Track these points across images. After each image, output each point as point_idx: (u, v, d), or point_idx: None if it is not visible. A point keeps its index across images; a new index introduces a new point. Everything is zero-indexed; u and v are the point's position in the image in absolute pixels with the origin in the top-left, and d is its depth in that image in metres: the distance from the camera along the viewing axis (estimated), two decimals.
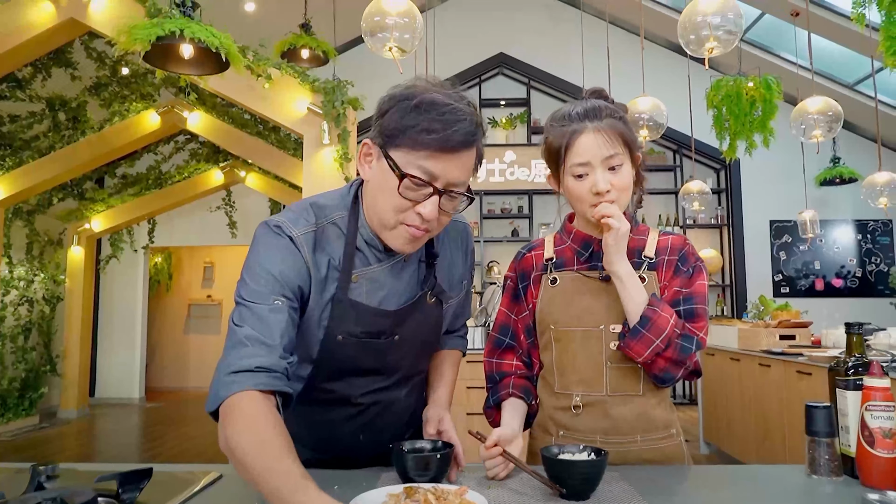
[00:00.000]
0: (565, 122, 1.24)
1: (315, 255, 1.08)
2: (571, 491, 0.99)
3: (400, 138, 1.01)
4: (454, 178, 1.03)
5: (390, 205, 1.03)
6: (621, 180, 1.22)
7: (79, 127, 5.58)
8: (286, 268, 1.04)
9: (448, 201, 1.05)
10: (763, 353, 3.98)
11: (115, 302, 8.14)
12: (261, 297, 1.01)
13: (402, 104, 1.01)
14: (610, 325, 1.24)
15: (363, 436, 1.23)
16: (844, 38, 6.14)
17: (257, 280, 1.03)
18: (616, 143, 1.21)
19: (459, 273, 1.29)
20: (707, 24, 2.88)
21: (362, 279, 1.11)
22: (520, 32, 7.79)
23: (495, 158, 7.68)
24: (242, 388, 0.92)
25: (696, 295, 1.25)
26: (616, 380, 1.24)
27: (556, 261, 1.34)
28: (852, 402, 1.11)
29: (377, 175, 1.05)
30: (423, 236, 1.07)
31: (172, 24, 2.84)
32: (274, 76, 4.02)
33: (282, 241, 1.06)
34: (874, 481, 1.03)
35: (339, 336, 1.10)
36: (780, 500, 1.03)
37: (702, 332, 1.22)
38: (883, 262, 7.28)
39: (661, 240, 1.30)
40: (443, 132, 0.99)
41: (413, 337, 1.19)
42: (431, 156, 1.00)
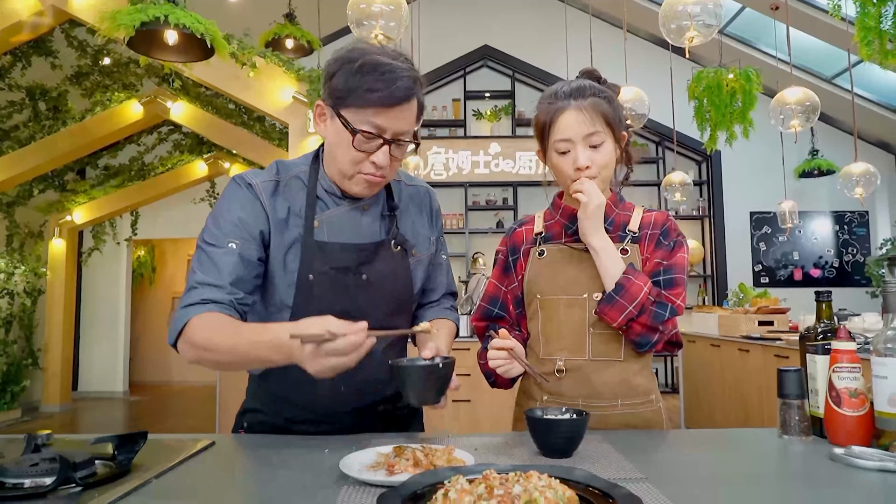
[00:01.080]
0: (552, 99, 1.32)
1: (274, 200, 1.22)
2: (554, 449, 1.04)
3: (348, 99, 1.14)
4: (400, 129, 1.17)
5: (347, 157, 1.18)
6: (602, 157, 1.30)
7: (60, 117, 5.52)
8: (245, 214, 1.19)
9: (397, 148, 1.19)
10: (742, 339, 4.07)
11: (98, 295, 8.07)
12: (218, 240, 1.17)
13: (347, 67, 1.14)
14: (593, 293, 1.31)
15: (343, 387, 1.26)
16: (823, 33, 6.25)
17: (218, 225, 1.19)
18: (597, 122, 1.28)
19: (425, 232, 1.39)
20: (687, 13, 2.94)
21: (322, 223, 1.24)
22: (504, 25, 7.82)
23: (480, 150, 7.71)
24: (195, 314, 1.11)
25: (676, 266, 1.32)
26: (598, 345, 1.30)
27: (544, 235, 1.41)
28: (821, 366, 1.17)
29: (332, 133, 1.19)
30: (380, 181, 1.22)
31: (157, 9, 2.83)
32: (259, 65, 4.01)
33: (242, 191, 1.22)
34: (841, 439, 1.08)
35: (311, 275, 1.21)
36: (754, 459, 1.08)
37: (678, 300, 1.28)
38: (859, 253, 7.44)
39: (646, 216, 1.37)
40: (385, 90, 1.12)
41: (381, 281, 1.27)
42: (378, 112, 1.13)
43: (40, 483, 0.86)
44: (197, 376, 8.97)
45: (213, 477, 1.02)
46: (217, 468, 1.06)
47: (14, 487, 0.86)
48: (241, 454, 1.14)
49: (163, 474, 0.96)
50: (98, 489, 0.87)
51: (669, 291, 1.29)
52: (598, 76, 1.39)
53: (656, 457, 1.08)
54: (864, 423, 1.08)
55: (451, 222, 7.74)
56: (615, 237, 1.34)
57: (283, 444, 1.17)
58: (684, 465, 1.05)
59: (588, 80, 1.37)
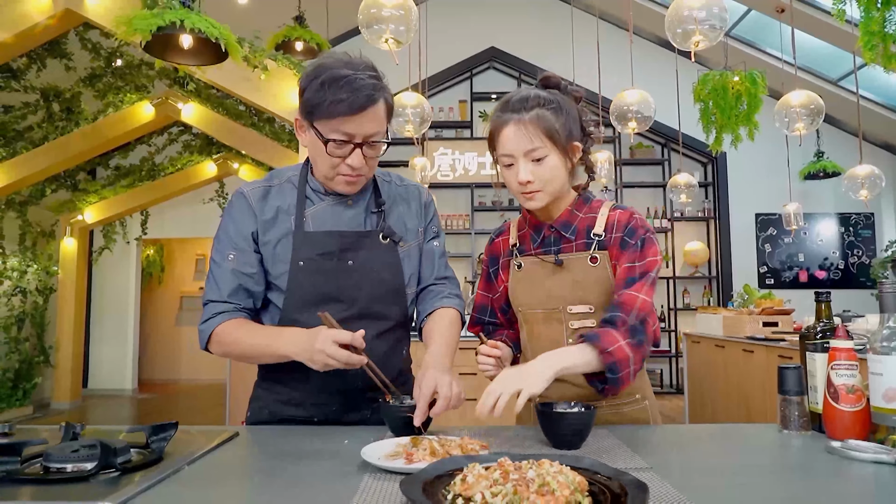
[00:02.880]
0: (499, 112, 1.31)
1: (262, 203, 1.38)
2: (563, 441, 1.09)
3: (317, 112, 1.25)
4: (368, 132, 1.27)
5: (325, 163, 1.31)
6: (545, 171, 1.27)
7: (73, 118, 5.59)
8: (235, 223, 1.37)
9: (370, 149, 1.30)
10: (747, 340, 4.10)
11: (108, 293, 8.16)
12: (219, 254, 1.37)
13: (313, 83, 1.25)
14: (567, 305, 1.33)
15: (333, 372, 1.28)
16: (828, 35, 6.28)
17: (219, 240, 1.39)
18: (537, 137, 1.25)
19: (413, 223, 1.47)
20: (693, 18, 2.98)
21: (309, 217, 1.38)
22: (511, 27, 7.87)
23: (486, 152, 7.74)
24: (214, 326, 1.35)
25: (648, 272, 1.27)
26: None
27: (519, 246, 1.43)
28: (820, 363, 1.22)
29: (310, 142, 1.32)
30: (358, 179, 1.34)
31: (173, 14, 2.89)
32: (270, 67, 4.08)
33: (237, 201, 1.39)
34: (838, 433, 1.13)
35: (301, 262, 1.34)
36: (754, 451, 1.13)
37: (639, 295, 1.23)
38: (865, 255, 7.45)
39: (611, 215, 1.33)
40: (347, 100, 1.22)
41: (367, 267, 1.37)
42: (344, 121, 1.24)
43: (82, 468, 0.92)
44: (206, 374, 9.05)
45: (240, 464, 1.07)
46: (243, 456, 1.12)
47: (58, 472, 0.92)
48: (264, 444, 1.20)
49: (194, 461, 1.02)
50: (136, 474, 0.93)
51: (631, 289, 1.24)
52: (556, 82, 1.33)
53: (661, 449, 1.14)
54: (861, 418, 1.12)
55: (457, 223, 7.80)
56: (581, 244, 1.33)
57: (305, 435, 1.22)
58: (688, 456, 1.10)
59: (539, 89, 1.32)
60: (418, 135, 4.25)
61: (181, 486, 0.90)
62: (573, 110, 1.32)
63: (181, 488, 0.89)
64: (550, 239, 1.37)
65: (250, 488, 0.93)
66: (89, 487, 0.87)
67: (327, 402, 1.38)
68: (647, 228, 1.31)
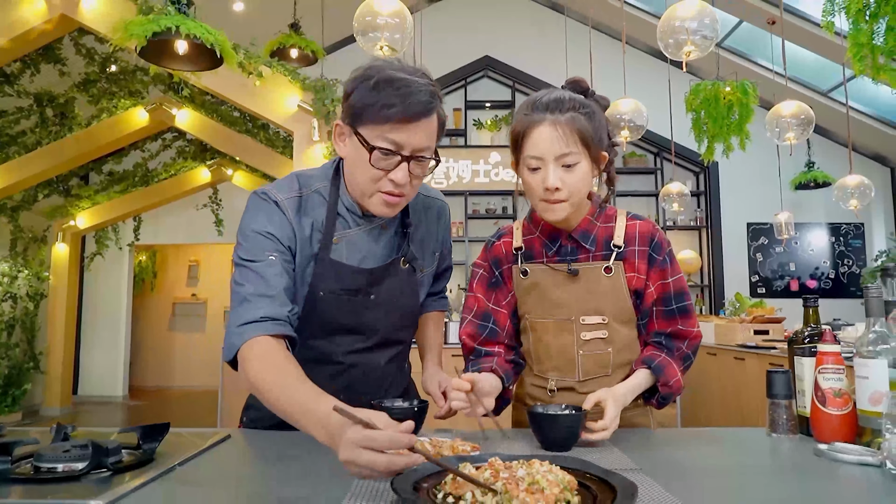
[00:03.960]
0: (528, 110, 1.23)
1: (299, 217, 1.22)
2: (554, 442, 1.10)
3: (365, 116, 1.13)
4: (419, 145, 1.14)
5: (366, 176, 1.16)
6: (575, 179, 1.21)
7: (66, 123, 5.58)
8: (274, 227, 1.19)
9: (416, 166, 1.17)
10: (738, 348, 4.12)
11: (100, 300, 8.11)
12: (256, 254, 1.15)
13: (363, 85, 1.13)
14: (580, 316, 1.30)
15: (342, 397, 1.30)
16: (818, 47, 6.36)
17: (251, 241, 1.17)
18: (571, 141, 1.19)
19: (432, 247, 1.40)
20: (685, 28, 3.02)
21: (343, 241, 1.25)
22: (505, 36, 7.92)
23: (480, 160, 7.79)
24: (253, 335, 1.07)
25: (684, 291, 1.32)
26: (588, 366, 1.32)
27: (524, 251, 1.35)
28: (807, 367, 1.23)
29: (351, 151, 1.18)
30: (399, 201, 1.19)
31: (168, 20, 2.91)
32: (265, 74, 4.09)
33: (268, 206, 1.21)
34: (825, 436, 1.14)
35: (321, 292, 1.23)
36: (743, 453, 1.14)
37: (695, 329, 1.32)
38: (855, 265, 7.51)
39: (629, 226, 1.31)
40: (401, 105, 1.10)
41: (389, 299, 1.30)
42: (394, 128, 1.11)
43: (73, 468, 0.92)
44: (198, 381, 9.01)
45: (232, 465, 1.07)
46: (235, 458, 1.12)
47: (48, 471, 0.92)
48: (255, 446, 1.20)
49: (185, 462, 1.02)
50: (127, 474, 0.93)
51: (686, 322, 1.31)
52: (584, 87, 1.28)
53: (650, 451, 1.14)
54: (848, 421, 1.14)
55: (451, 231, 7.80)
56: (598, 255, 1.30)
57: (297, 437, 1.22)
58: (677, 458, 1.11)
59: (572, 91, 1.26)
60: None
61: (172, 487, 0.90)
62: (602, 118, 1.26)
63: (172, 488, 0.89)
64: (567, 249, 1.31)
65: (241, 488, 0.93)
66: (80, 487, 0.87)
67: None
68: (668, 241, 1.34)
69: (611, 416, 1.15)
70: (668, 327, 1.32)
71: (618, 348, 1.31)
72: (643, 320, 1.34)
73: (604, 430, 1.13)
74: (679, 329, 1.31)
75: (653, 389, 1.31)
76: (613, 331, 1.30)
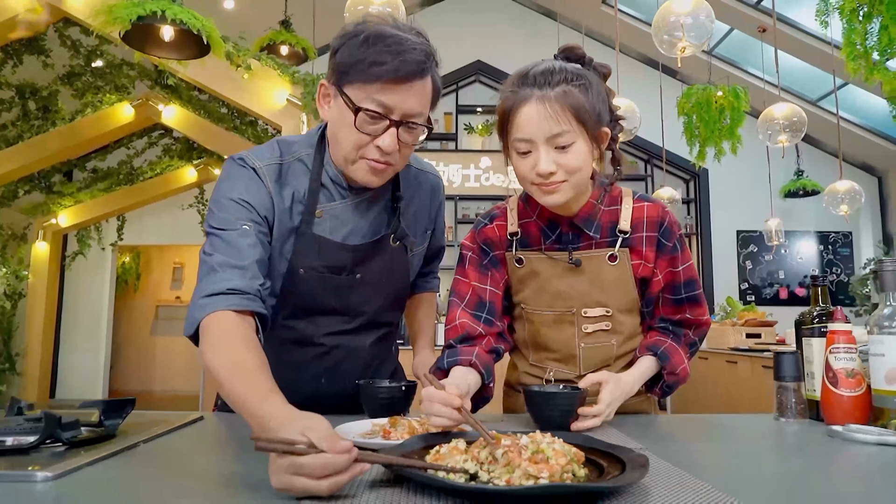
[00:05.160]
0: (515, 86, 1.08)
1: (279, 186, 1.11)
2: (551, 421, 1.02)
3: (352, 74, 1.02)
4: (410, 109, 1.03)
5: (350, 140, 1.05)
6: (571, 160, 1.06)
7: (49, 117, 5.46)
8: (250, 196, 1.08)
9: (406, 133, 1.06)
10: (730, 351, 4.08)
11: (80, 300, 7.93)
12: (228, 223, 1.04)
13: (352, 41, 1.03)
14: (582, 308, 1.19)
15: (325, 380, 1.22)
16: (808, 56, 6.39)
17: (224, 208, 1.06)
18: (564, 119, 1.04)
19: (423, 224, 1.30)
20: (679, 24, 2.99)
21: (326, 215, 1.14)
22: (497, 41, 7.91)
23: (471, 164, 7.75)
24: (216, 309, 0.94)
25: (694, 279, 1.23)
26: (590, 359, 1.23)
27: (520, 237, 1.22)
28: (817, 348, 1.17)
29: (336, 113, 1.07)
30: (385, 169, 1.09)
31: (154, 4, 2.83)
32: (254, 67, 4.02)
33: (246, 172, 1.11)
34: (837, 419, 1.08)
35: (301, 269, 1.13)
36: (754, 436, 1.07)
37: (704, 317, 1.25)
38: (843, 273, 7.53)
39: (636, 209, 1.19)
40: (392, 62, 0.99)
41: (377, 279, 1.20)
42: (384, 88, 1.01)
43: (23, 440, 0.84)
44: (180, 385, 8.83)
45: (200, 446, 0.99)
46: (204, 439, 1.03)
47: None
48: (228, 428, 1.11)
49: (151, 440, 0.93)
50: (83, 448, 0.84)
51: (694, 311, 1.24)
52: (580, 55, 1.13)
53: (654, 433, 1.07)
54: (861, 403, 1.07)
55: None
56: (603, 242, 1.18)
57: None
58: (683, 441, 1.04)
59: (565, 60, 1.11)
60: None
61: (132, 463, 0.82)
62: (602, 89, 1.12)
63: (131, 465, 0.81)
64: (569, 236, 1.18)
65: (206, 470, 0.84)
66: (27, 459, 0.78)
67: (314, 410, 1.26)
68: (679, 225, 1.22)
69: (605, 402, 1.07)
70: (676, 315, 1.24)
71: (622, 339, 1.23)
72: (648, 307, 1.26)
73: (595, 417, 1.04)
74: (687, 317, 1.24)
75: (656, 378, 1.23)
76: (617, 322, 1.22)
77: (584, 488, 0.62)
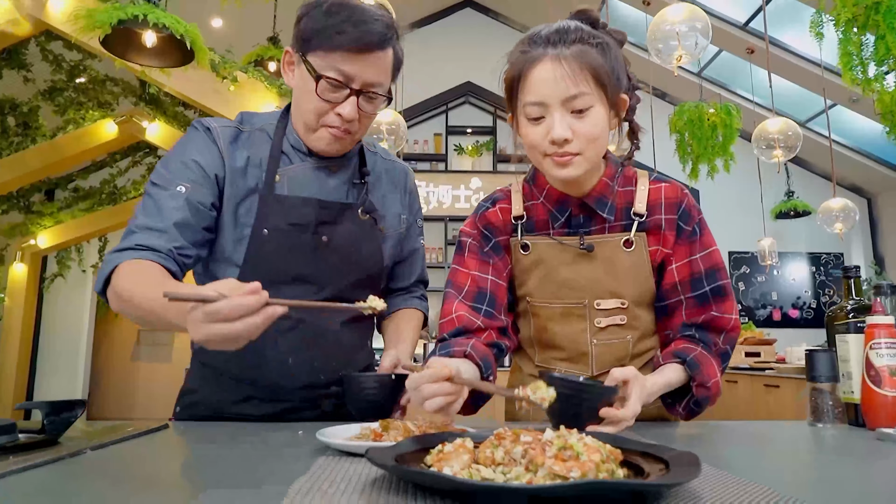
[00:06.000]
0: (526, 46, 0.99)
1: (233, 147, 1.12)
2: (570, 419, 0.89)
3: (314, 42, 1.05)
4: (370, 79, 1.07)
5: (311, 107, 1.08)
6: (588, 127, 0.96)
7: (29, 133, 5.31)
8: (199, 156, 1.09)
9: (367, 102, 1.09)
10: (730, 371, 3.96)
11: (59, 324, 7.69)
12: (166, 182, 1.06)
13: (316, 10, 1.06)
14: (594, 300, 1.08)
15: (292, 359, 1.15)
16: (797, 77, 6.44)
17: (168, 168, 1.09)
18: (581, 79, 0.94)
19: (396, 209, 1.28)
20: (675, 33, 2.94)
21: (284, 178, 1.14)
22: (486, 62, 7.86)
23: (461, 185, 7.69)
24: (126, 259, 0.98)
25: (718, 268, 1.08)
26: (603, 357, 1.11)
27: (526, 221, 1.11)
28: (854, 345, 1.06)
29: (298, 80, 1.10)
30: (345, 137, 1.11)
31: (136, 8, 2.74)
32: (241, 79, 3.93)
33: (199, 134, 1.13)
34: (882, 422, 0.97)
35: (265, 230, 1.11)
36: (794, 444, 0.95)
37: (732, 316, 1.08)
38: (836, 294, 7.48)
39: (653, 190, 1.09)
40: (353, 32, 1.02)
41: (345, 247, 1.15)
42: (345, 57, 1.04)
43: None
44: (162, 413, 8.52)
45: (159, 455, 0.85)
46: (165, 448, 0.90)
47: None
48: (196, 438, 0.97)
49: (99, 448, 0.80)
50: (19, 454, 0.71)
51: (721, 306, 1.07)
52: (594, 18, 1.04)
53: (682, 439, 0.95)
54: None
55: (431, 256, 7.62)
56: (617, 226, 1.07)
57: (250, 428, 1.01)
58: (716, 444, 0.92)
59: (578, 21, 1.02)
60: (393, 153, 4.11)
61: (72, 472, 0.68)
62: (619, 54, 1.02)
63: (71, 474, 0.67)
64: (580, 219, 1.08)
65: (160, 478, 0.71)
66: None
67: (281, 397, 1.16)
68: (698, 209, 1.10)
69: (633, 405, 0.91)
70: (701, 315, 1.08)
71: (637, 336, 1.11)
72: (661, 302, 1.11)
73: (622, 422, 0.89)
74: (714, 316, 1.07)
75: (681, 393, 1.05)
76: (633, 316, 1.09)
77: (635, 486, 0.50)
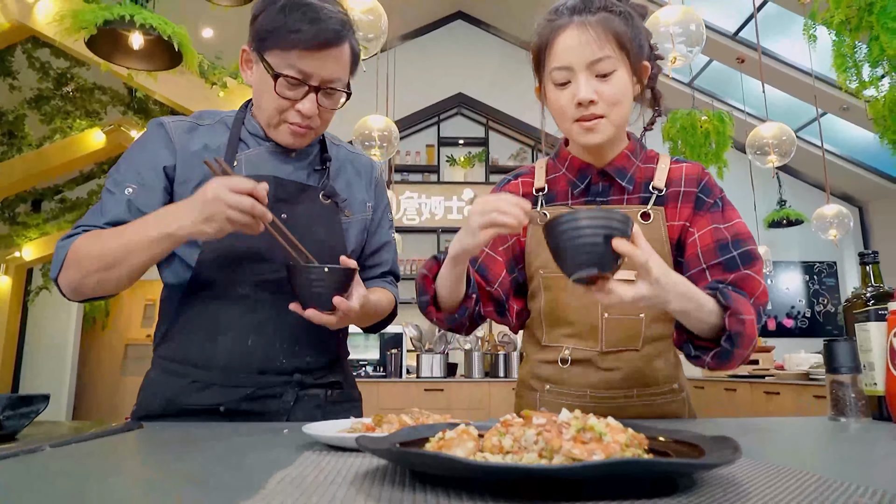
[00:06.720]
0: (552, 16, 1.04)
1: (188, 135, 1.15)
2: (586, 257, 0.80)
3: (271, 41, 1.06)
4: (328, 75, 1.09)
5: (271, 105, 1.10)
6: (612, 90, 1.00)
7: (15, 143, 5.23)
8: (148, 152, 1.13)
9: (326, 97, 1.11)
10: (728, 379, 3.91)
11: (44, 338, 7.54)
12: (116, 184, 1.10)
13: (271, 8, 1.07)
14: None
15: (252, 340, 1.10)
16: (788, 86, 6.47)
17: (119, 169, 1.12)
18: (606, 44, 0.99)
19: (361, 196, 1.28)
20: (669, 34, 2.92)
21: (241, 162, 1.16)
22: (478, 74, 7.93)
23: (453, 196, 7.65)
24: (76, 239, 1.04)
25: (742, 233, 1.04)
26: (613, 334, 1.07)
27: (547, 193, 1.14)
28: (876, 334, 1.00)
29: (257, 78, 1.12)
30: (306, 133, 1.13)
31: (122, 9, 2.68)
32: (230, 85, 3.87)
33: (151, 131, 1.16)
34: None
35: None
36: (811, 435, 0.89)
37: (762, 282, 1.02)
38: (830, 303, 7.46)
39: (674, 169, 1.10)
40: (309, 30, 1.04)
41: (304, 227, 1.13)
42: (302, 55, 1.05)
43: None
44: None
45: (123, 454, 0.77)
46: (132, 448, 0.82)
47: None
48: (167, 439, 0.90)
49: (60, 445, 0.72)
50: None
51: (751, 269, 1.01)
52: None
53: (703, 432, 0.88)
54: None
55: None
56: (636, 198, 1.08)
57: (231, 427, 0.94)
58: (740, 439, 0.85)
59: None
60: (385, 159, 4.07)
61: (25, 470, 0.60)
62: (641, 24, 1.06)
63: (24, 472, 0.60)
64: (598, 188, 1.10)
65: (120, 478, 0.63)
66: None
67: (240, 382, 1.09)
68: (721, 188, 1.09)
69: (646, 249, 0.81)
70: (730, 275, 1.01)
71: (651, 316, 1.07)
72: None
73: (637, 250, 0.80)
74: (745, 274, 1.00)
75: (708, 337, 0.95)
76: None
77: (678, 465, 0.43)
